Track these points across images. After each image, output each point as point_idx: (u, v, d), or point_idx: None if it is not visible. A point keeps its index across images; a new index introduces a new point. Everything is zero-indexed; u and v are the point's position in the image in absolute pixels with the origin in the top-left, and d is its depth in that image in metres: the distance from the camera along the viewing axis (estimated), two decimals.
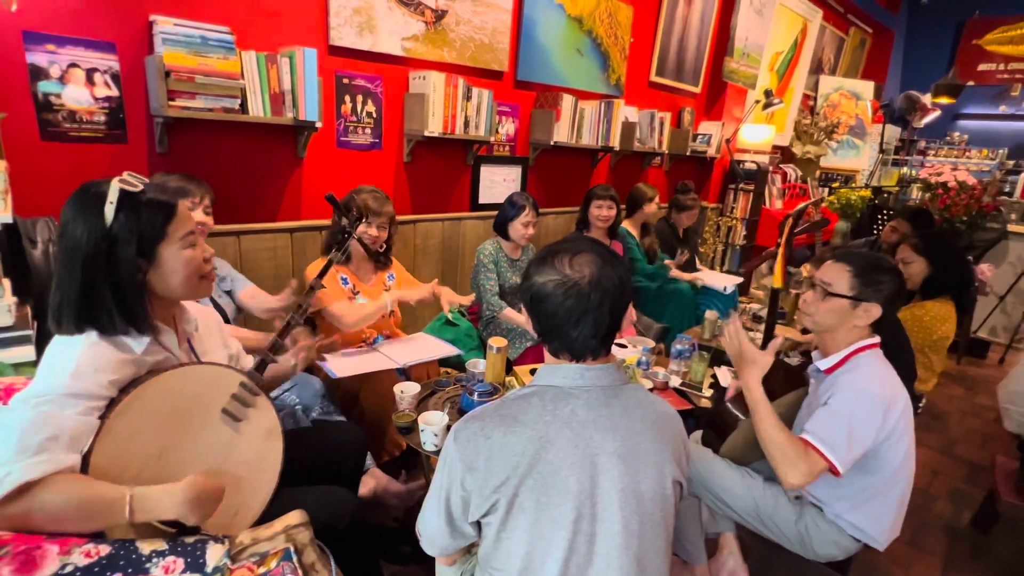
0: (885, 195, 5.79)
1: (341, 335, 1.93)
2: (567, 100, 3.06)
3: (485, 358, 1.77)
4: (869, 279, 1.32)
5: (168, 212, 0.98)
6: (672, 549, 1.42)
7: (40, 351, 1.28)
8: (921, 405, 2.50)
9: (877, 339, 1.37)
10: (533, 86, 3.11)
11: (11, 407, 0.86)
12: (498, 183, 3.09)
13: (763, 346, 1.80)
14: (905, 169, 6.95)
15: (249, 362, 1.38)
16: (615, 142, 3.43)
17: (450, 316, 2.43)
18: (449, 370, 2.19)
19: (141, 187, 0.96)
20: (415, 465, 1.99)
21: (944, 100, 5.84)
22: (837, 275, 1.36)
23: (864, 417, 1.24)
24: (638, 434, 0.89)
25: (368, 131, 2.47)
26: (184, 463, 0.98)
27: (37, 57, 1.62)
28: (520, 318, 2.35)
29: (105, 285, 0.93)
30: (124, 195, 0.93)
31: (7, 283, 1.35)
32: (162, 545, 0.90)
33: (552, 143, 3.06)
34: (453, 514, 0.91)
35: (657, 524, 0.90)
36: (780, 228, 1.71)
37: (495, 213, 2.55)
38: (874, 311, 1.32)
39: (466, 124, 2.62)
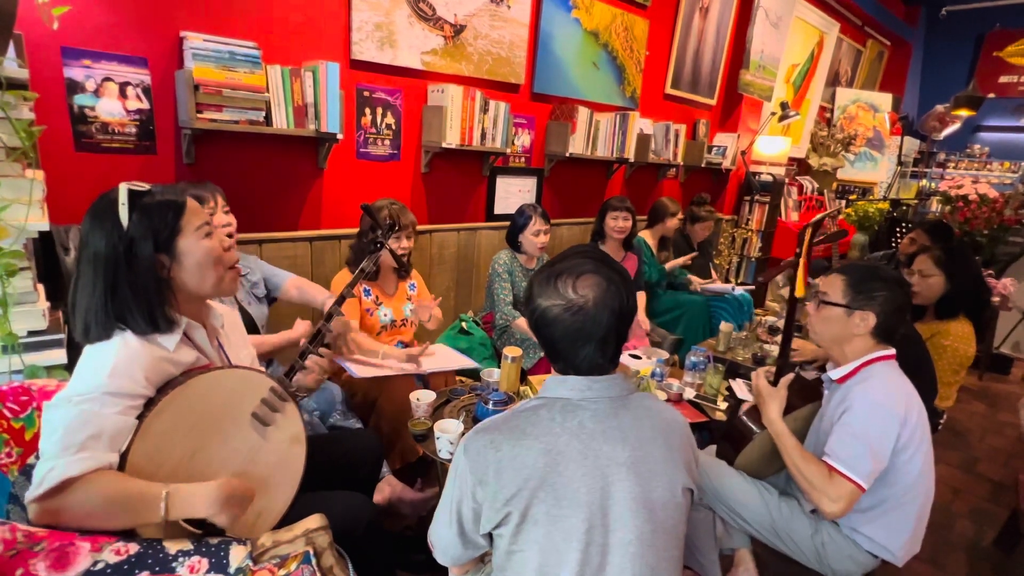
0: (904, 207, 5.74)
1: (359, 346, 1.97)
2: (582, 112, 3.09)
3: (499, 367, 1.78)
4: (863, 287, 1.34)
5: (178, 208, 1.02)
6: (685, 562, 1.42)
7: (71, 355, 1.33)
8: (942, 422, 2.46)
9: (891, 351, 1.36)
10: (549, 98, 3.15)
11: (54, 404, 0.90)
12: (513, 194, 3.13)
13: (780, 354, 1.81)
14: (924, 181, 6.86)
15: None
16: (630, 154, 3.45)
17: (464, 325, 2.45)
18: (464, 379, 2.21)
19: (148, 188, 1.01)
20: (430, 473, 2.01)
21: (964, 112, 5.78)
22: (833, 285, 1.39)
23: (880, 431, 1.24)
24: (648, 443, 0.90)
25: (387, 143, 2.51)
26: (213, 465, 1.00)
27: (74, 72, 1.69)
28: None
29: (125, 285, 0.96)
30: (133, 196, 0.97)
31: (41, 288, 1.40)
32: (188, 545, 0.93)
33: (567, 154, 3.08)
34: (464, 525, 0.92)
35: (669, 532, 0.90)
36: (799, 238, 1.71)
37: (510, 223, 2.58)
38: (870, 319, 1.33)
39: (483, 136, 2.66)
